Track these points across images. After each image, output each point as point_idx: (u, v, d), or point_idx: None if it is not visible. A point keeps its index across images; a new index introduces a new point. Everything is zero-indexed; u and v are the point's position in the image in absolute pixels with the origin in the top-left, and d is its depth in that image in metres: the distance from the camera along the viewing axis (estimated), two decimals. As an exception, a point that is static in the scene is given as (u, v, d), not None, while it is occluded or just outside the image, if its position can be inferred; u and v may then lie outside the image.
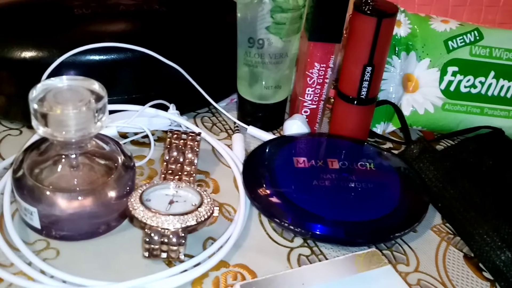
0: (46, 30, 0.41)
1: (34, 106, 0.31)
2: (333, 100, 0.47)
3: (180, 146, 0.39)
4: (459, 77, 0.45)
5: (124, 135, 0.43)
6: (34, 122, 0.32)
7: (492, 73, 0.45)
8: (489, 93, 0.45)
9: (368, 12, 0.39)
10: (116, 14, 0.43)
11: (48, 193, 0.32)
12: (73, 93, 0.32)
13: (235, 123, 0.46)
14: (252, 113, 0.46)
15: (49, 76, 0.39)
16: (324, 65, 0.43)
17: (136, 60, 0.41)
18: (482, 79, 0.45)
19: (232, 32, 0.44)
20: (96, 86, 0.33)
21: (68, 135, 0.32)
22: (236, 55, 0.44)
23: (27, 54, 0.39)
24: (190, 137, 0.40)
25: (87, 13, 0.42)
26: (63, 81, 0.33)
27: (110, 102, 0.41)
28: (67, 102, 0.31)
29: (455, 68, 0.45)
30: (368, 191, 0.38)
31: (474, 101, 0.45)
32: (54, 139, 0.32)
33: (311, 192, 0.37)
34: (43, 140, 0.35)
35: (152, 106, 0.42)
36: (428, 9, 0.47)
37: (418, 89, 0.45)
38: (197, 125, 0.46)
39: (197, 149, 0.40)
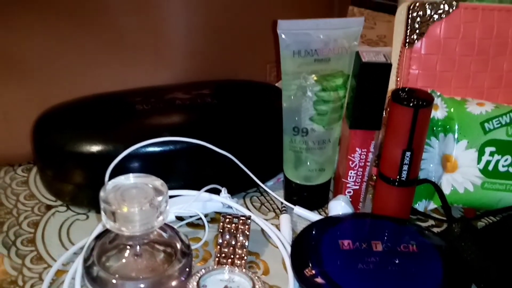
0: (111, 126, 0.45)
1: (104, 205, 0.35)
2: (375, 177, 0.49)
3: (232, 230, 0.42)
4: (496, 157, 0.47)
5: (180, 218, 0.47)
6: (103, 217, 0.36)
7: (530, 152, 0.46)
8: (528, 171, 0.47)
9: (405, 102, 0.42)
10: (173, 108, 0.47)
11: (114, 281, 0.36)
12: (138, 190, 0.36)
13: (282, 203, 0.49)
14: (298, 193, 0.49)
15: (113, 168, 0.43)
16: (365, 150, 0.46)
17: (191, 150, 0.45)
18: (520, 158, 0.47)
19: (278, 116, 0.47)
20: (158, 183, 0.37)
21: (134, 229, 0.35)
22: (282, 136, 0.48)
23: (94, 148, 0.44)
24: (241, 221, 0.43)
25: (147, 109, 0.46)
26: (129, 179, 0.37)
27: (168, 188, 0.45)
28: (132, 200, 0.35)
29: (493, 149, 0.47)
30: (411, 273, 0.40)
31: (513, 180, 0.47)
32: (121, 233, 0.36)
33: (357, 276, 0.39)
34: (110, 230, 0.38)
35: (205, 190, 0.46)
36: (464, 92, 0.49)
37: (457, 169, 0.47)
38: (247, 206, 0.49)
39: (248, 233, 0.43)
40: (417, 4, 0.48)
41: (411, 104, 0.42)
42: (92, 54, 0.51)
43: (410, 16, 0.48)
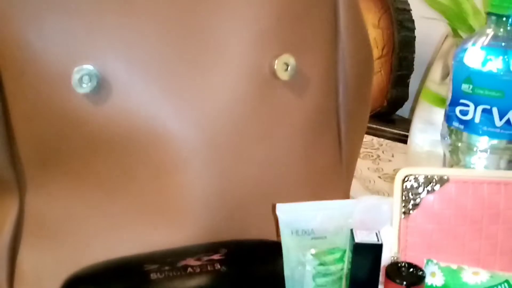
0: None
1: None
2: None
3: None
4: (494, 327, 0.48)
5: None
6: None
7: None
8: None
9: (397, 280, 0.45)
10: (184, 277, 0.51)
11: None
12: None
13: None
14: None
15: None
16: (364, 320, 0.48)
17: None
18: (518, 328, 0.48)
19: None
20: None
21: None
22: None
23: (111, 317, 0.48)
24: None
25: (161, 278, 0.50)
26: None
27: None
28: None
29: (490, 320, 0.48)
30: None
31: None
32: None
33: None
34: None
35: None
36: (460, 259, 0.51)
37: (456, 338, 0.49)
38: None
39: None
40: (410, 177, 0.52)
41: (404, 283, 0.45)
42: (117, 218, 0.56)
43: (404, 188, 0.52)
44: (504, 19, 0.54)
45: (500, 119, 0.54)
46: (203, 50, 0.55)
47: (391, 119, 1.20)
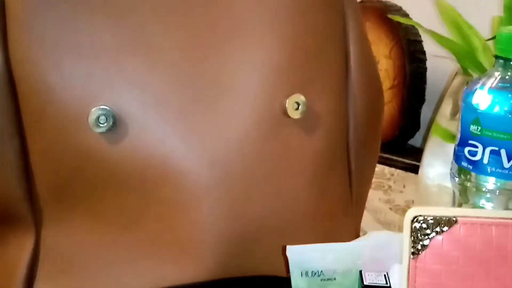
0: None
1: None
2: None
3: None
4: None
5: None
6: None
7: None
8: None
9: (405, 323, 0.45)
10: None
11: None
12: None
13: None
14: None
15: None
16: None
17: None
18: None
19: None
20: None
21: None
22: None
23: None
24: None
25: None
26: None
27: None
28: None
29: None
30: None
31: None
32: None
33: None
34: None
35: None
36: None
37: None
38: None
39: None
40: (419, 218, 0.53)
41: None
42: (130, 253, 0.58)
43: (413, 228, 0.53)
44: (511, 62, 0.55)
45: (508, 160, 0.55)
46: (216, 90, 0.57)
47: (403, 148, 1.21)
